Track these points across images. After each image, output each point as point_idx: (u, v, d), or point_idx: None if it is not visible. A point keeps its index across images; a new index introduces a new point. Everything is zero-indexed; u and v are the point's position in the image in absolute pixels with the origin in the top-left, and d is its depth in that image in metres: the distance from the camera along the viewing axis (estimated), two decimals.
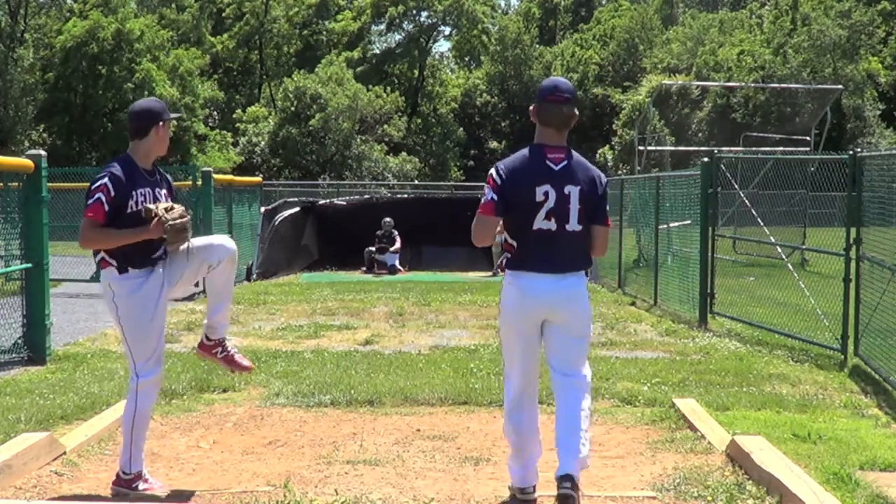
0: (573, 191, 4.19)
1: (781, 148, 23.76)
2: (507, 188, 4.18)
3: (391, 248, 18.95)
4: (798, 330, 9.60)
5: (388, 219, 19.03)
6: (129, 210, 4.46)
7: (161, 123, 4.61)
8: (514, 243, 4.24)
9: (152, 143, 4.62)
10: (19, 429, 5.67)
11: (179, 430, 6.03)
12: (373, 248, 18.94)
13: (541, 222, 4.17)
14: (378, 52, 58.76)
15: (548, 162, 4.22)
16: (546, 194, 4.17)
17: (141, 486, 4.62)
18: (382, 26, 58.93)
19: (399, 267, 18.85)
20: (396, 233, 19.01)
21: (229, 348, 4.86)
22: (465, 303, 12.96)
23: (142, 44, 41.37)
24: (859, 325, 8.32)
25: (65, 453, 5.21)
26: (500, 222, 4.27)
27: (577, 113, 4.31)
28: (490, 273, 17.89)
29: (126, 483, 4.60)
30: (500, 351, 4.54)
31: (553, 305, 4.21)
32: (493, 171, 4.27)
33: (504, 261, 4.32)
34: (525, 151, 4.29)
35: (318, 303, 13.04)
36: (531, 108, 4.36)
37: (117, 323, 4.57)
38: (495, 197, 4.19)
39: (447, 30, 60.26)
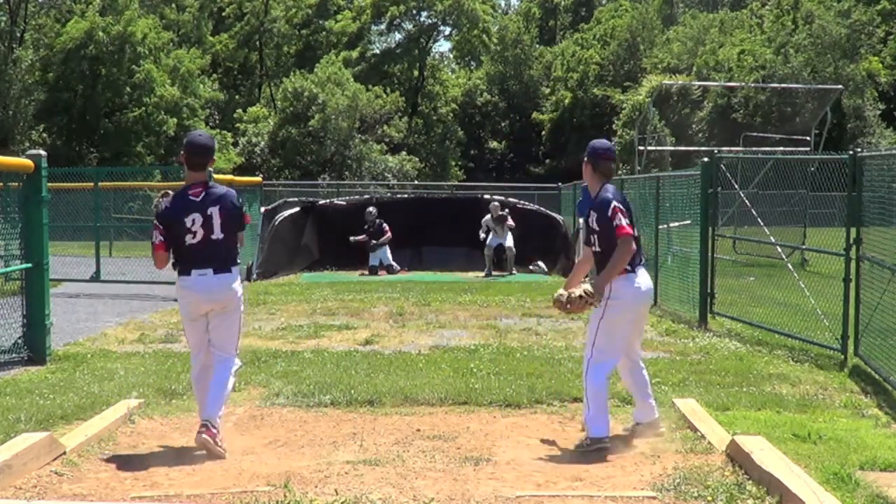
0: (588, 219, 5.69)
1: (781, 148, 23.77)
2: None
3: (381, 240, 18.68)
4: (798, 330, 9.60)
5: (371, 209, 18.83)
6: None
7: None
8: None
9: None
10: (19, 429, 5.68)
11: (179, 430, 6.03)
12: (358, 238, 18.64)
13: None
14: (378, 52, 58.78)
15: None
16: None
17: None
18: (382, 26, 58.95)
19: (395, 265, 18.63)
20: (384, 223, 18.73)
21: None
22: (465, 303, 12.97)
23: (144, 46, 41.35)
24: (859, 325, 8.32)
25: (65, 453, 5.21)
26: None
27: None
28: (483, 274, 17.90)
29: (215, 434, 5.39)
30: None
31: None
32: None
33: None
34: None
35: (318, 303, 13.04)
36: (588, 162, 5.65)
37: None
38: None
39: (447, 30, 60.31)
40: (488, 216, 18.24)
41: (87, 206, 18.13)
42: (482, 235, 18.14)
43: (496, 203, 19.06)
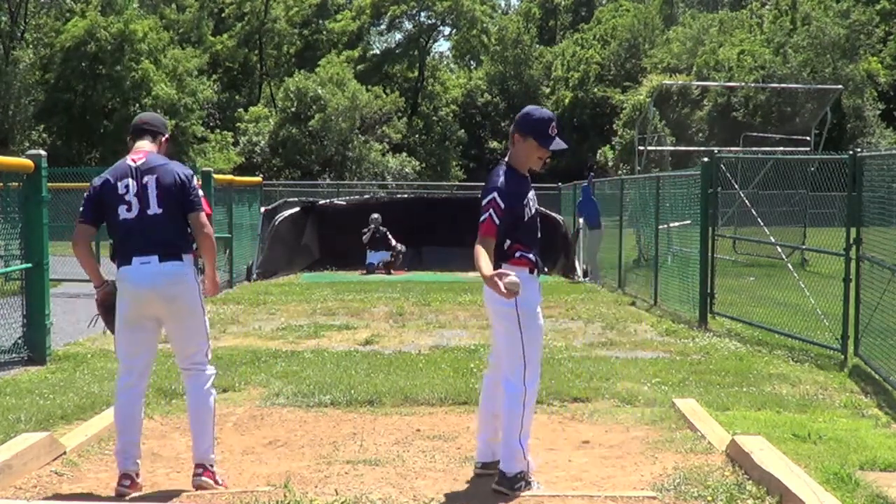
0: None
1: (781, 148, 23.76)
2: None
3: (384, 248, 18.84)
4: (798, 330, 9.60)
5: (375, 215, 18.92)
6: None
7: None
8: None
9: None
10: (19, 429, 5.67)
11: (179, 430, 6.03)
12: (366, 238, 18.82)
13: None
14: (378, 52, 58.83)
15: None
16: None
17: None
18: (382, 26, 59.00)
19: (383, 266, 18.71)
20: (385, 230, 18.87)
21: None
22: (465, 303, 12.96)
23: (144, 45, 41.35)
24: (859, 325, 8.32)
25: (65, 453, 5.21)
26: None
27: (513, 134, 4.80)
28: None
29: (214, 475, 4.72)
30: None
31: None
32: None
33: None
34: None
35: (318, 303, 13.04)
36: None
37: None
38: None
39: (447, 30, 60.36)
40: None
41: None
42: None
43: None
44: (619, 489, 4.73)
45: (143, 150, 4.75)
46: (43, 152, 8.92)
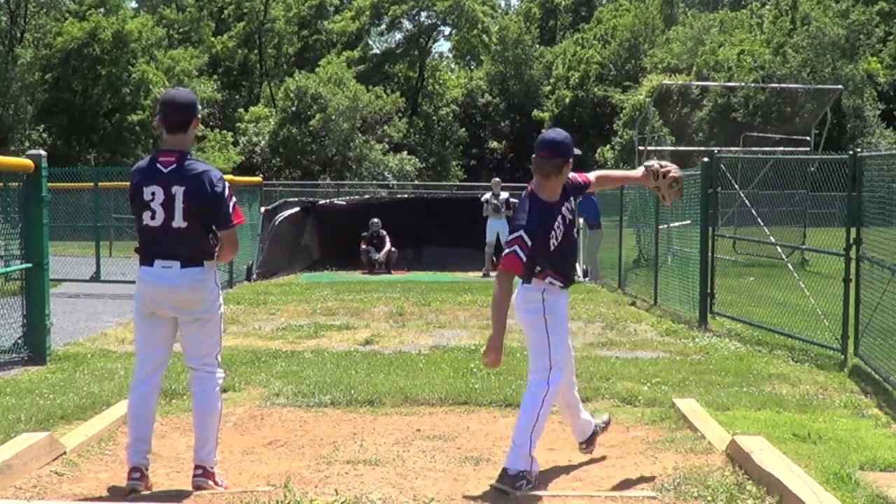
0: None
1: (781, 148, 23.74)
2: None
3: (381, 250, 18.97)
4: (798, 330, 9.60)
5: (375, 219, 19.01)
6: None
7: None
8: None
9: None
10: (19, 429, 5.67)
11: (179, 430, 6.03)
12: (367, 248, 18.96)
13: None
14: (378, 52, 58.84)
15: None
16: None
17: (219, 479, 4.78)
18: (382, 26, 58.99)
19: (383, 263, 18.81)
20: (385, 233, 18.96)
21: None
22: (465, 303, 12.96)
23: (139, 44, 41.32)
24: (859, 325, 8.32)
25: (65, 453, 5.20)
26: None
27: (558, 166, 4.93)
28: (481, 273, 17.85)
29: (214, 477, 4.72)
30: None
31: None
32: None
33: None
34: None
35: (318, 303, 13.04)
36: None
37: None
38: None
39: (447, 30, 60.34)
40: (489, 194, 18.19)
41: (87, 206, 18.14)
42: (485, 214, 17.95)
43: (498, 179, 19.08)
44: (619, 489, 4.74)
45: (175, 152, 4.52)
46: (43, 152, 8.92)
